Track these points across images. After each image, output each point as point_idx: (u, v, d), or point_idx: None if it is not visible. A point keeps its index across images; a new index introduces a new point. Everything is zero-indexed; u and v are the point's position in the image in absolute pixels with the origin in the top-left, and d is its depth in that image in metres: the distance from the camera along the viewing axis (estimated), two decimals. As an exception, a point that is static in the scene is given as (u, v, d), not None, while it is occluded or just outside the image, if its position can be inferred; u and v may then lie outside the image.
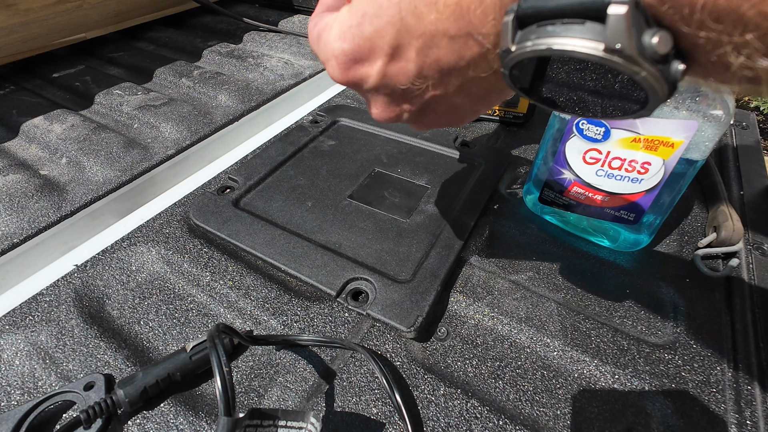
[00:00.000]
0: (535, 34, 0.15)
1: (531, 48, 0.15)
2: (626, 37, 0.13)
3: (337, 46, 0.20)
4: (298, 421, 0.26)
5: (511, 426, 0.30)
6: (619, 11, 0.13)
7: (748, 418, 0.31)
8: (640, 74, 0.14)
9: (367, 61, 0.20)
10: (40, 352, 0.35)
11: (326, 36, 0.21)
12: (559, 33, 0.14)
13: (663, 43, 0.13)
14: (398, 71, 0.20)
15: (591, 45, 0.14)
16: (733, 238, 0.41)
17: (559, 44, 0.14)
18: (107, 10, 0.79)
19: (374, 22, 0.19)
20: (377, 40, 0.19)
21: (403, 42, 0.19)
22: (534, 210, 0.48)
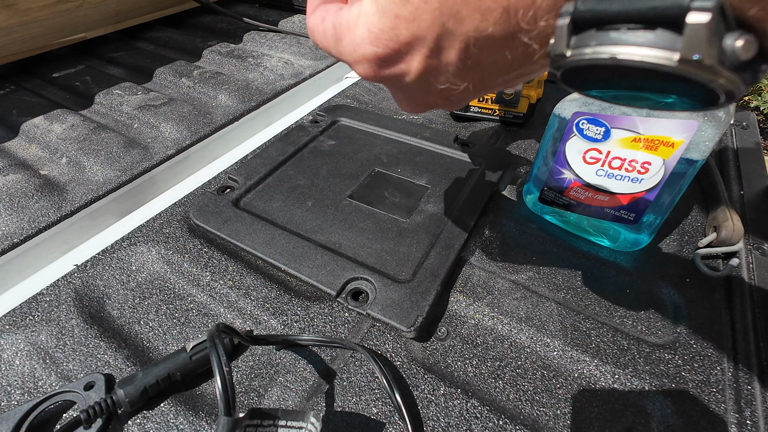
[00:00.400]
0: (594, 39, 0.14)
1: (590, 55, 0.14)
2: (706, 47, 0.12)
3: (369, 50, 0.19)
4: (298, 420, 0.26)
5: (511, 426, 0.30)
6: (701, 19, 0.11)
7: (748, 417, 0.31)
8: (717, 81, 0.12)
9: (404, 61, 0.19)
10: (41, 352, 0.35)
11: (351, 38, 0.20)
12: (625, 40, 0.13)
13: (747, 47, 0.12)
14: (437, 72, 0.19)
15: (664, 55, 0.12)
16: (733, 237, 0.41)
17: (626, 53, 0.13)
18: (107, 9, 0.79)
19: (410, 27, 0.17)
20: (415, 44, 0.18)
21: (444, 45, 0.18)
22: (534, 210, 0.48)
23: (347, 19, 0.20)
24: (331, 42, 0.21)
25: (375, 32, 0.18)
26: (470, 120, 0.66)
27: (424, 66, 0.19)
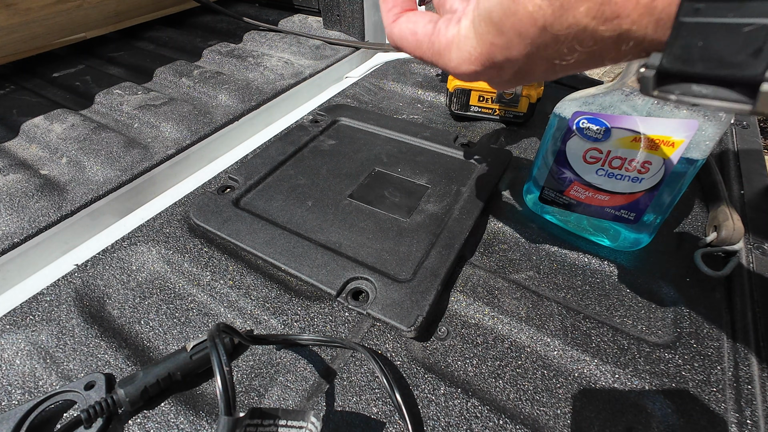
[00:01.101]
0: (679, 89, 0.16)
1: (676, 99, 0.16)
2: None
3: (470, 68, 0.22)
4: (298, 420, 0.26)
5: (512, 425, 0.30)
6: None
7: (748, 417, 0.31)
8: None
9: (498, 73, 0.22)
10: (41, 352, 0.35)
11: (452, 56, 0.23)
12: (707, 94, 0.15)
13: None
14: (526, 75, 0.21)
15: (739, 106, 0.14)
16: (733, 237, 0.41)
17: (707, 103, 0.15)
18: (107, 9, 0.79)
19: (505, 53, 0.20)
20: (508, 65, 0.21)
21: (533, 65, 0.20)
22: (534, 209, 0.48)
23: (447, 39, 0.23)
24: (428, 53, 0.24)
25: (475, 55, 0.21)
26: (470, 120, 0.66)
27: (514, 76, 0.22)
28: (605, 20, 0.16)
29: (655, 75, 0.16)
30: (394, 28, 0.26)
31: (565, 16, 0.17)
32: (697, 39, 0.15)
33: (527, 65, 0.20)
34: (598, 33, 0.17)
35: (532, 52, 0.19)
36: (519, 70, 0.21)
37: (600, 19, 0.16)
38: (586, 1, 0.16)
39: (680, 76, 0.15)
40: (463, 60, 0.22)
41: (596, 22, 0.17)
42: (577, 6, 0.16)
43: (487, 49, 0.21)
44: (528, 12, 0.18)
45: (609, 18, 0.16)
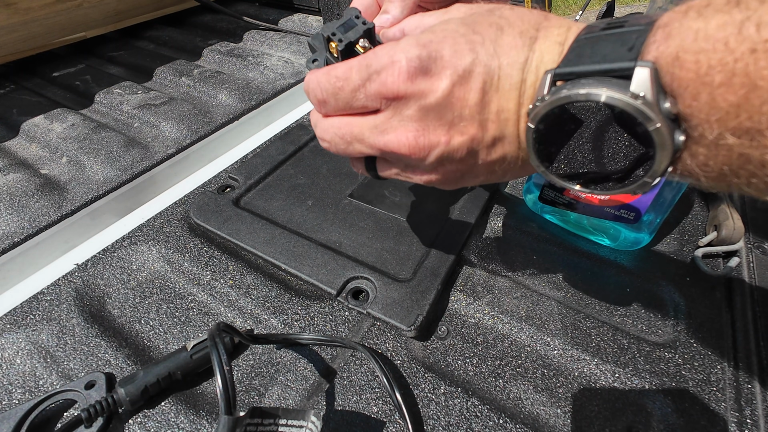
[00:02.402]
0: (569, 85, 0.18)
1: (565, 94, 0.18)
2: (649, 88, 0.16)
3: (413, 51, 0.21)
4: (298, 419, 0.26)
5: (512, 424, 0.30)
6: (644, 69, 0.16)
7: (748, 416, 0.31)
8: (655, 124, 0.17)
9: (438, 74, 0.21)
10: (41, 351, 0.35)
11: (392, 44, 0.22)
12: (592, 84, 0.17)
13: (673, 106, 0.16)
14: (461, 95, 0.21)
15: (619, 92, 0.17)
16: (733, 236, 0.41)
17: (592, 92, 0.17)
18: (107, 8, 0.79)
19: (454, 45, 0.21)
20: (452, 59, 0.21)
21: (474, 71, 0.21)
22: (534, 209, 0.48)
23: (382, 46, 0.23)
24: (356, 67, 0.23)
25: (423, 41, 0.21)
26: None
27: (451, 85, 0.21)
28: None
29: (552, 77, 0.19)
30: (321, 69, 0.25)
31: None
32: (587, 48, 0.18)
33: (464, 78, 0.21)
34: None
35: (477, 56, 0.21)
36: (455, 83, 0.21)
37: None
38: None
39: (571, 76, 0.18)
40: (407, 44, 0.22)
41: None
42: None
43: (439, 38, 0.21)
44: (484, 19, 0.21)
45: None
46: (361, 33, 0.26)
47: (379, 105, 0.23)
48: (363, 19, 0.26)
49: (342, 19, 0.26)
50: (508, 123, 0.22)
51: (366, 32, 0.26)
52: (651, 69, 0.16)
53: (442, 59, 0.21)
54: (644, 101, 0.16)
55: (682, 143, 0.17)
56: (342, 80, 0.24)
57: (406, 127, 0.23)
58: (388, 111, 0.23)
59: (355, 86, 0.23)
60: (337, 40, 0.25)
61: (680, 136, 0.17)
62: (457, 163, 0.24)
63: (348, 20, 0.26)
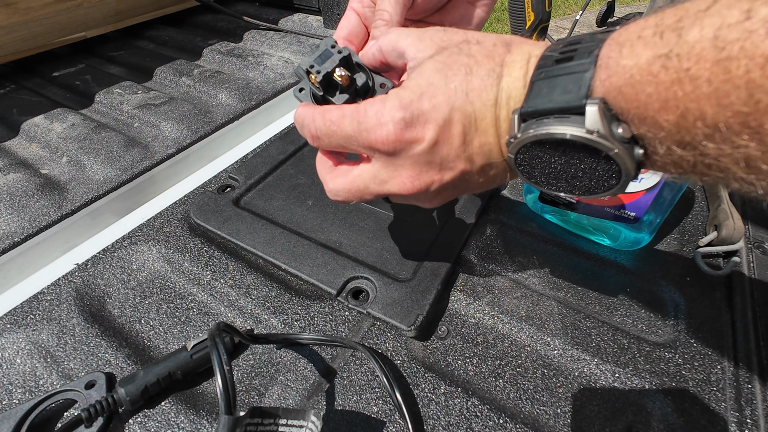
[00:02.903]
0: (535, 124, 0.21)
1: (533, 133, 0.21)
2: (600, 124, 0.19)
3: (398, 114, 0.24)
4: (298, 419, 0.26)
5: (512, 424, 0.30)
6: (594, 108, 0.19)
7: (748, 416, 0.31)
8: (613, 150, 0.19)
9: (423, 128, 0.24)
10: (41, 351, 0.35)
11: (378, 106, 0.25)
12: (553, 123, 0.20)
13: (625, 131, 0.19)
14: (446, 140, 0.24)
15: (577, 129, 0.19)
16: (733, 236, 0.41)
17: (554, 130, 0.20)
18: (107, 8, 0.79)
19: (432, 100, 0.24)
20: (433, 113, 0.24)
21: (453, 118, 0.23)
22: (534, 209, 0.48)
23: (370, 103, 0.25)
24: (348, 119, 0.26)
25: (405, 101, 0.24)
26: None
27: (436, 135, 0.24)
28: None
29: (519, 116, 0.21)
30: (317, 110, 0.28)
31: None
32: (544, 86, 0.21)
33: (447, 124, 0.23)
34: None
35: (454, 106, 0.23)
36: (440, 128, 0.24)
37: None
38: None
39: (535, 114, 0.21)
40: (392, 107, 0.24)
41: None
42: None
43: (418, 96, 0.24)
44: (455, 64, 0.24)
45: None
46: (337, 62, 0.28)
47: (372, 154, 0.27)
48: (338, 48, 0.28)
49: (318, 50, 0.28)
50: (492, 153, 0.24)
51: (342, 60, 0.28)
52: (599, 106, 0.18)
53: (423, 114, 0.24)
54: (599, 134, 0.19)
55: (642, 155, 0.19)
56: (335, 125, 0.26)
57: (401, 175, 0.26)
58: (382, 161, 0.26)
59: (347, 135, 0.26)
60: (315, 72, 0.27)
61: (639, 150, 0.19)
62: (454, 189, 0.27)
63: (324, 51, 0.28)
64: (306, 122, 0.28)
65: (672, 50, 0.16)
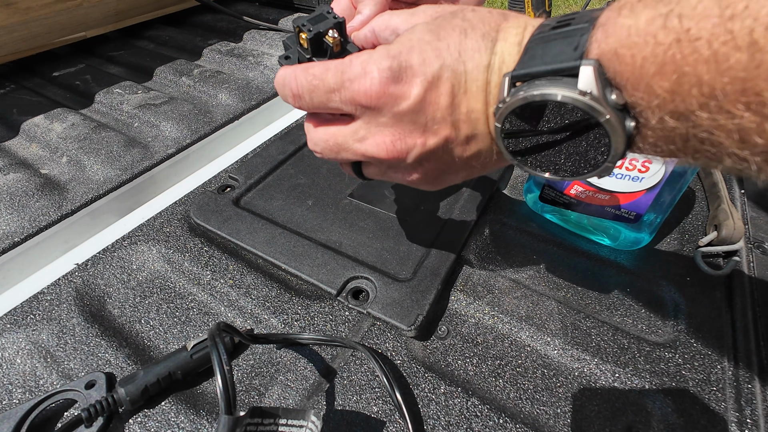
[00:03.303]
0: (526, 87, 0.20)
1: (523, 95, 0.20)
2: (594, 85, 0.18)
3: (384, 63, 0.23)
4: (298, 419, 0.26)
5: (512, 424, 0.30)
6: (588, 69, 0.18)
7: (748, 416, 0.31)
8: (605, 116, 0.18)
9: (409, 82, 0.23)
10: (41, 351, 0.35)
11: (366, 55, 0.23)
12: (545, 85, 0.19)
13: (619, 97, 0.18)
14: (432, 100, 0.23)
15: (569, 91, 0.18)
16: (733, 236, 0.41)
17: (546, 91, 0.19)
18: (107, 8, 0.79)
19: (422, 54, 0.22)
20: (422, 67, 0.22)
21: (442, 76, 0.22)
22: (534, 209, 0.48)
23: (356, 55, 0.24)
24: (332, 70, 0.24)
25: (393, 51, 0.23)
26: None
27: (422, 92, 0.23)
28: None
29: (510, 79, 0.20)
30: (298, 67, 0.26)
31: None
32: (539, 49, 0.20)
33: (434, 82, 0.22)
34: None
35: (444, 63, 0.22)
36: (426, 89, 0.22)
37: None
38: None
39: (527, 77, 0.20)
40: (379, 56, 0.23)
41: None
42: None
43: (408, 48, 0.23)
44: (448, 24, 0.23)
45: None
46: (330, 25, 0.26)
47: (354, 111, 0.25)
48: (334, 14, 0.27)
49: (314, 13, 0.27)
50: (478, 122, 0.23)
51: (336, 25, 0.26)
52: (594, 66, 0.18)
53: (411, 68, 0.22)
54: (591, 97, 0.18)
55: (633, 128, 0.18)
56: (318, 79, 0.25)
57: (382, 133, 0.25)
58: (364, 117, 0.25)
59: (329, 88, 0.24)
60: (306, 30, 0.26)
61: (630, 122, 0.18)
62: (435, 162, 0.26)
63: (319, 14, 0.27)
64: (287, 80, 0.26)
65: (673, 9, 0.15)
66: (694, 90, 0.15)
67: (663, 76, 0.16)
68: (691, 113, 0.16)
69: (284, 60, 0.29)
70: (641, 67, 0.17)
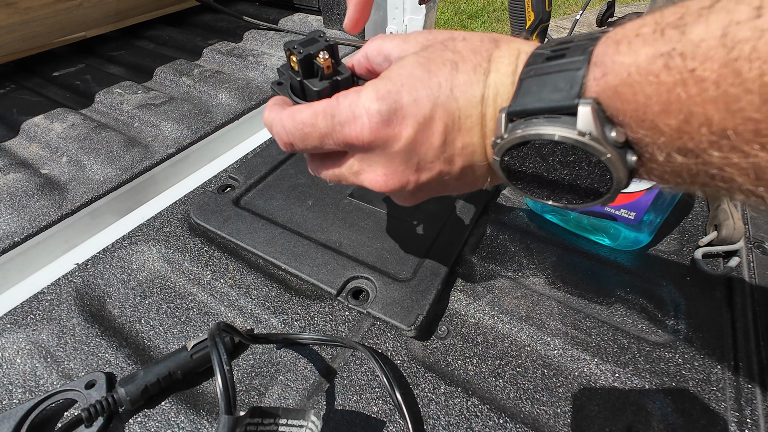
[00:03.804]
0: (523, 124, 0.19)
1: (521, 134, 0.19)
2: (593, 125, 0.17)
3: (374, 106, 0.22)
4: (298, 419, 0.26)
5: (512, 424, 0.30)
6: (587, 109, 0.17)
7: (748, 416, 0.31)
8: (605, 155, 0.18)
9: (400, 124, 0.22)
10: (42, 351, 0.35)
11: (353, 97, 0.23)
12: (543, 124, 0.19)
13: (619, 135, 0.17)
14: (425, 139, 0.23)
15: (568, 131, 0.18)
16: (733, 236, 0.41)
17: (544, 130, 0.19)
18: (107, 8, 0.79)
19: (413, 93, 0.22)
20: (413, 108, 0.22)
21: (435, 116, 0.22)
22: (534, 208, 0.48)
23: (344, 95, 0.24)
24: (321, 116, 0.24)
25: (382, 92, 0.22)
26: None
27: (414, 134, 0.22)
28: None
29: (506, 116, 0.20)
30: (284, 113, 0.26)
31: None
32: (533, 85, 0.19)
33: (427, 123, 0.22)
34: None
35: (437, 101, 0.22)
36: (418, 130, 0.22)
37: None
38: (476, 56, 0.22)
39: (524, 114, 0.19)
40: (368, 98, 0.23)
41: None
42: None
43: (397, 88, 0.22)
44: (439, 58, 0.22)
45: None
46: (321, 47, 0.26)
47: (347, 149, 0.25)
48: (326, 38, 0.27)
49: (305, 37, 0.27)
50: (475, 154, 0.23)
51: (327, 47, 0.26)
52: (593, 107, 0.17)
53: (402, 109, 0.22)
54: (591, 137, 0.18)
55: (635, 162, 0.18)
56: (309, 126, 0.25)
57: (375, 172, 0.25)
58: (357, 155, 0.25)
59: (321, 134, 0.24)
60: (296, 53, 0.26)
61: (632, 157, 0.18)
62: (430, 190, 0.26)
63: (310, 38, 0.27)
64: (275, 129, 0.26)
65: (675, 48, 0.15)
66: (703, 129, 0.15)
67: (669, 114, 0.15)
68: (702, 151, 0.15)
69: (276, 86, 0.29)
70: (645, 105, 0.16)
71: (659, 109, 0.16)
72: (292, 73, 0.27)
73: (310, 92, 0.27)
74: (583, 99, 0.18)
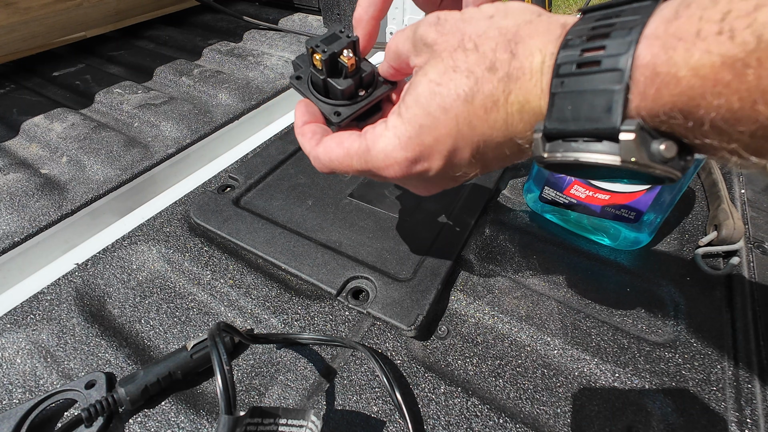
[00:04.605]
0: (562, 147, 0.19)
1: (561, 158, 0.19)
2: (637, 153, 0.16)
3: (401, 155, 0.24)
4: (298, 419, 0.26)
5: (512, 424, 0.30)
6: (629, 137, 0.16)
7: (748, 416, 0.31)
8: (654, 172, 0.17)
9: (428, 160, 0.24)
10: (42, 351, 0.35)
11: (381, 147, 0.24)
12: (583, 149, 0.18)
13: (669, 149, 0.16)
14: (454, 166, 0.24)
15: (610, 158, 0.17)
16: (733, 236, 0.41)
17: (585, 157, 0.18)
18: (107, 8, 0.79)
19: (433, 133, 0.22)
20: (437, 146, 0.23)
21: (459, 146, 0.23)
22: (534, 208, 0.48)
23: (374, 134, 0.25)
24: (355, 158, 0.26)
25: (404, 140, 0.23)
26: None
27: (444, 163, 0.23)
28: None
29: (543, 137, 0.19)
30: (319, 149, 0.27)
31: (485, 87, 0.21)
32: (567, 104, 0.18)
33: (454, 150, 0.23)
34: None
35: (458, 134, 0.22)
36: (447, 157, 0.23)
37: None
38: (496, 77, 0.20)
39: (561, 135, 0.19)
40: (393, 148, 0.24)
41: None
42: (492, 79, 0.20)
43: (416, 131, 0.23)
44: (451, 88, 0.21)
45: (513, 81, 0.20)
46: (345, 45, 0.26)
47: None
48: (347, 33, 0.27)
49: (326, 33, 0.27)
50: (507, 158, 0.24)
51: (350, 44, 0.26)
52: (636, 134, 0.16)
53: (427, 149, 0.23)
54: (636, 163, 0.16)
55: (687, 164, 0.17)
56: (344, 166, 0.26)
57: (416, 188, 0.29)
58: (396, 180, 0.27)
59: (357, 171, 0.26)
60: (320, 51, 0.26)
61: (683, 162, 0.17)
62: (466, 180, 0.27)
63: (332, 34, 0.27)
64: (312, 160, 0.29)
65: (753, 52, 0.13)
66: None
67: (743, 122, 0.14)
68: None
69: (295, 81, 0.29)
70: (713, 118, 0.14)
71: (730, 117, 0.14)
72: (315, 71, 0.28)
73: (334, 91, 0.27)
74: (625, 124, 0.16)
